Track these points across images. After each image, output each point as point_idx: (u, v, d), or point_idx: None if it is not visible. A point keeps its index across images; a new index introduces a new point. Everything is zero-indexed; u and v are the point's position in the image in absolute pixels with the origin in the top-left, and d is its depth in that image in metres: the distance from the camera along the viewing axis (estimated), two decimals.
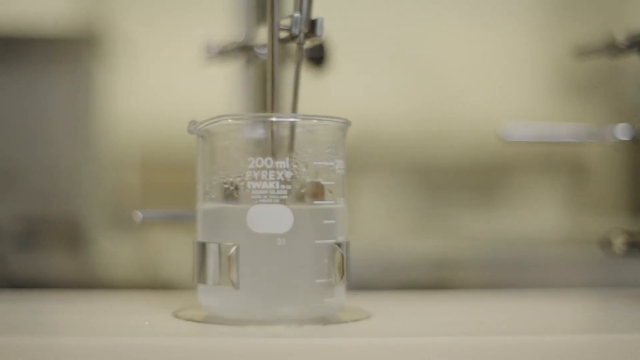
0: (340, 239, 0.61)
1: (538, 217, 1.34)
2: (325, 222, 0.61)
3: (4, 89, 1.05)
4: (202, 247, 0.61)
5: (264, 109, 0.70)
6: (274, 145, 0.60)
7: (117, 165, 1.08)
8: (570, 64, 1.36)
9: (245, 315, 0.60)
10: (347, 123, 0.62)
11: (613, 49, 0.74)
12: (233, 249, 0.59)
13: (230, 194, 0.60)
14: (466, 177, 1.33)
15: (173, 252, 1.07)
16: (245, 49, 0.69)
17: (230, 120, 0.60)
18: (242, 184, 0.59)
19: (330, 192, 0.61)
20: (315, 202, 0.60)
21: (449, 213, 1.29)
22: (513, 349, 0.56)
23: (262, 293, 0.59)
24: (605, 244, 0.74)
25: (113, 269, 1.05)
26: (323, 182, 0.60)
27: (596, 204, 1.35)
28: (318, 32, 0.62)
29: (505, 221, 1.32)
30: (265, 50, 0.69)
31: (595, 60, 1.36)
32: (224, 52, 0.70)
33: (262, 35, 0.70)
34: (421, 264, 1.14)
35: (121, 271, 1.05)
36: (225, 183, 0.60)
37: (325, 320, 0.60)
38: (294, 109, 0.63)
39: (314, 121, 0.61)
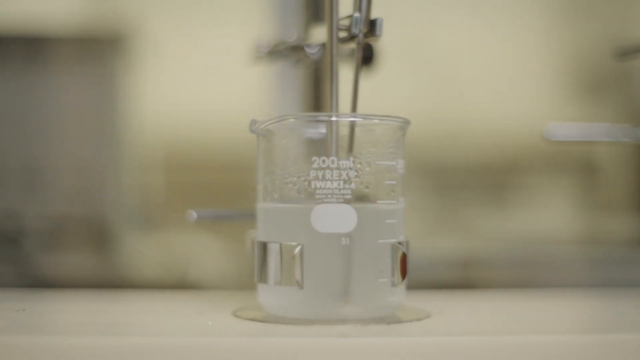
0: (401, 238, 0.61)
1: (550, 217, 1.34)
2: (387, 221, 0.61)
3: (31, 89, 1.05)
4: (263, 247, 0.61)
5: (313, 109, 0.71)
6: (338, 145, 0.60)
7: (142, 165, 1.08)
8: (580, 65, 1.37)
9: (308, 315, 0.60)
10: (407, 122, 0.62)
11: None
12: (298, 249, 0.59)
13: (295, 193, 0.60)
14: (479, 177, 1.34)
15: (197, 252, 1.07)
16: (295, 49, 0.69)
17: (293, 120, 0.61)
18: (306, 183, 0.60)
19: (393, 191, 0.61)
20: (379, 201, 0.60)
21: (463, 213, 1.30)
22: (579, 347, 0.56)
23: (326, 292, 0.60)
24: None
25: (138, 269, 1.05)
26: (386, 182, 0.61)
27: (608, 204, 1.36)
28: (378, 32, 0.62)
29: (517, 221, 1.33)
30: (314, 50, 0.69)
31: (605, 62, 1.38)
32: (273, 52, 0.70)
33: (312, 35, 0.71)
34: (439, 264, 1.15)
35: (146, 271, 1.05)
36: (288, 183, 0.60)
37: (386, 319, 0.61)
38: (354, 108, 0.63)
39: (376, 120, 0.61)
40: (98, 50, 1.06)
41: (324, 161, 0.59)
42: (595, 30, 1.35)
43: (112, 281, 1.04)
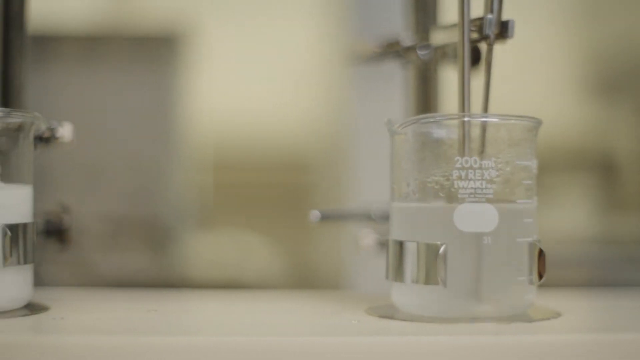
0: (536, 237, 0.62)
1: (569, 216, 1.36)
2: (525, 220, 0.62)
3: (88, 88, 1.04)
4: (399, 246, 0.62)
5: (424, 110, 0.71)
6: (477, 145, 0.61)
7: (197, 165, 1.07)
8: (596, 65, 1.39)
9: (446, 313, 0.60)
10: (540, 122, 0.63)
11: None
12: (443, 248, 0.60)
13: (436, 193, 0.61)
14: None
15: (249, 252, 1.07)
16: (408, 50, 0.69)
17: (435, 120, 0.61)
18: (448, 183, 0.60)
19: (529, 190, 0.62)
20: (519, 201, 0.61)
21: None
22: None
23: (466, 291, 0.60)
24: None
25: (193, 269, 1.04)
26: (524, 182, 0.61)
27: (625, 203, 1.38)
28: (509, 33, 0.63)
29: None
30: (425, 52, 0.70)
31: (621, 61, 1.40)
32: (383, 53, 0.71)
33: (423, 36, 0.71)
34: None
35: (201, 270, 1.05)
36: (429, 182, 0.61)
37: (522, 317, 0.62)
38: (485, 109, 0.63)
39: (512, 121, 0.62)
40: (153, 49, 1.06)
41: (466, 161, 0.60)
42: (610, 30, 1.37)
43: (168, 280, 1.03)
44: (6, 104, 0.69)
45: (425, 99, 0.71)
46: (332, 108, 0.93)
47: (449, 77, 0.72)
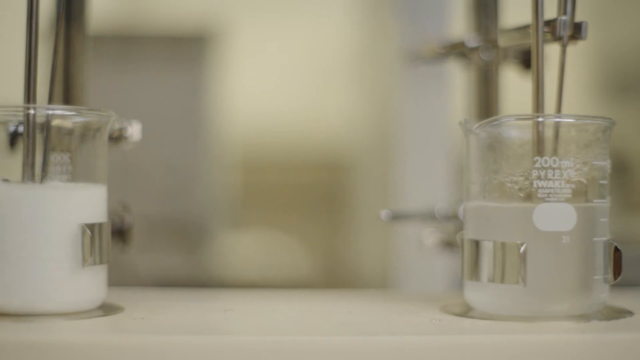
0: (609, 236, 0.63)
1: None
2: (601, 219, 0.62)
3: (122, 88, 1.03)
4: (475, 245, 0.62)
5: (485, 111, 0.72)
6: (556, 145, 0.61)
7: (230, 164, 1.07)
8: (609, 66, 1.40)
9: (523, 312, 0.61)
10: (613, 122, 0.63)
11: None
12: (523, 247, 0.60)
13: (514, 192, 0.61)
14: None
15: (284, 251, 1.07)
16: (472, 51, 0.70)
17: (513, 120, 0.62)
18: (527, 183, 0.61)
19: (604, 190, 0.63)
20: (595, 200, 0.62)
21: None
22: None
23: (543, 289, 0.61)
24: None
25: (228, 268, 1.04)
26: (599, 181, 0.62)
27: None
28: (583, 34, 0.63)
29: None
30: (488, 53, 0.71)
31: (634, 62, 1.41)
32: (442, 54, 0.71)
33: (483, 37, 0.72)
34: None
35: (236, 270, 1.04)
36: (508, 182, 0.61)
37: (598, 316, 0.62)
38: (558, 109, 0.64)
39: (588, 121, 0.62)
40: (185, 49, 1.06)
41: (545, 161, 0.61)
42: (622, 32, 1.38)
43: (202, 280, 1.03)
44: (68, 103, 0.69)
45: (487, 100, 0.71)
46: (370, 108, 0.94)
47: (508, 79, 0.73)
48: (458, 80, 0.77)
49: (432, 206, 0.72)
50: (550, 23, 0.63)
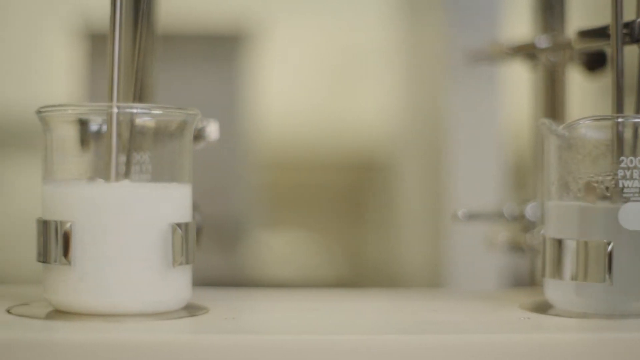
0: None
1: None
2: None
3: (164, 87, 1.03)
4: (558, 244, 0.63)
5: (552, 113, 0.73)
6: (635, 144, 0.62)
7: (268, 164, 1.07)
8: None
9: (607, 310, 0.62)
10: None
11: None
12: (610, 246, 0.61)
13: (599, 192, 0.62)
14: None
15: (323, 250, 1.07)
16: (541, 52, 0.71)
17: (589, 122, 0.62)
18: (612, 182, 0.62)
19: None
20: None
21: None
22: None
23: (628, 287, 0.61)
24: None
25: (266, 268, 1.04)
26: None
27: None
28: None
29: None
30: (556, 54, 0.71)
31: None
32: (509, 55, 0.72)
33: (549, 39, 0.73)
34: None
35: (273, 269, 1.04)
36: (593, 182, 0.62)
37: None
38: (637, 110, 0.65)
39: None
40: (222, 48, 1.05)
41: (631, 161, 0.62)
42: None
43: (238, 279, 1.03)
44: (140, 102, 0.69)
45: (553, 100, 0.72)
46: (414, 108, 0.94)
47: (573, 80, 0.74)
48: (510, 80, 0.78)
49: (499, 206, 0.73)
50: (628, 25, 0.65)
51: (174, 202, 0.61)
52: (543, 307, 0.65)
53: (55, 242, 0.60)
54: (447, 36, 0.86)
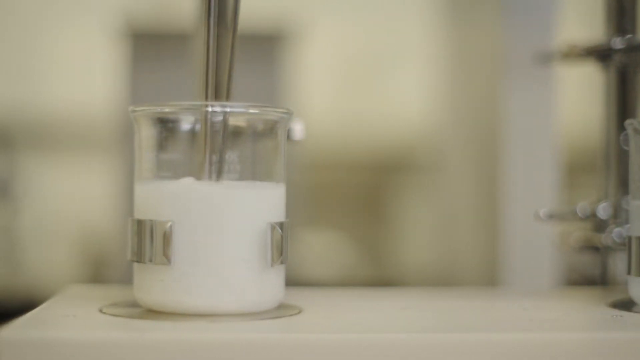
0: None
1: None
2: None
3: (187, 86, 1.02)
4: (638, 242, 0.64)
5: (624, 113, 0.74)
6: None
7: (309, 163, 1.07)
8: None
9: None
10: None
11: None
12: None
13: None
14: None
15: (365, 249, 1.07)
16: (615, 53, 0.71)
17: None
18: None
19: None
20: None
21: None
22: None
23: None
24: None
25: (308, 267, 1.04)
26: None
27: None
28: None
29: None
30: (629, 55, 0.72)
31: None
32: (582, 55, 0.73)
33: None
34: None
35: (313, 269, 1.04)
36: None
37: None
38: None
39: None
40: (263, 48, 1.05)
41: None
42: None
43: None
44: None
45: (625, 101, 0.73)
46: (464, 107, 0.94)
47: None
48: (566, 80, 0.78)
49: (574, 206, 0.73)
50: None
51: (270, 201, 0.61)
52: (628, 305, 0.66)
53: (150, 241, 0.60)
54: (495, 34, 0.86)
